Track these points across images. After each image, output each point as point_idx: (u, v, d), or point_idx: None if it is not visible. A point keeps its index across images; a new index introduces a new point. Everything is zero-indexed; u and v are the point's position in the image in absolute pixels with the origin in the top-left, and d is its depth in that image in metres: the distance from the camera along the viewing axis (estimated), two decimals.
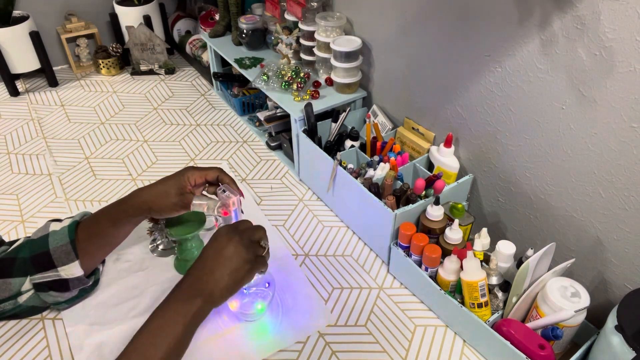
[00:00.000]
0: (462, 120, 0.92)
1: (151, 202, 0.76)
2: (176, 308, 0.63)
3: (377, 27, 1.04)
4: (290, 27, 1.24)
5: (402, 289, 0.89)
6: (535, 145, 0.80)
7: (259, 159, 1.21)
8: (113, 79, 1.56)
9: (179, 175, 0.78)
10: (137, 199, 0.77)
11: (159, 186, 0.77)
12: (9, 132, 1.29)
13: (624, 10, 0.61)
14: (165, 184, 0.77)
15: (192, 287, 0.65)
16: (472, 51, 0.84)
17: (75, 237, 0.74)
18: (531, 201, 0.85)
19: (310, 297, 0.86)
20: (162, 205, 0.76)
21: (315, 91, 1.10)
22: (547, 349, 0.67)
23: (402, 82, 1.03)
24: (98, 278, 0.84)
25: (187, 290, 0.65)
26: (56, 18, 1.56)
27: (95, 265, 0.80)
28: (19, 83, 1.51)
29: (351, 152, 1.03)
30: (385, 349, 0.78)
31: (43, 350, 0.77)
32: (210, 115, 1.38)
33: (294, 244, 0.98)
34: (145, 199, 0.77)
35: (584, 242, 0.78)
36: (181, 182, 0.77)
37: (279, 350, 0.78)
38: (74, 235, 0.74)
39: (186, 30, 1.72)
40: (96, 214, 0.78)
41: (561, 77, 0.71)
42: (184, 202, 0.77)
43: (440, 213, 0.83)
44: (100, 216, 0.78)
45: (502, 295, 0.77)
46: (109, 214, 0.77)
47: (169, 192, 0.76)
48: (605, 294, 0.78)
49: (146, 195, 0.77)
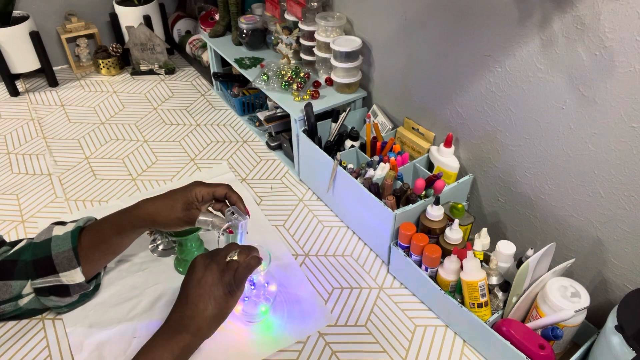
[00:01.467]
0: (462, 120, 0.92)
1: (156, 215, 0.75)
2: (164, 344, 0.62)
3: (377, 27, 1.04)
4: (290, 27, 1.24)
5: (402, 289, 0.89)
6: (535, 145, 0.80)
7: (259, 159, 1.21)
8: (113, 79, 1.56)
9: (186, 190, 0.77)
10: (142, 210, 0.76)
11: (166, 199, 0.76)
12: (9, 132, 1.29)
13: (624, 10, 0.61)
14: (171, 197, 0.76)
15: (179, 323, 0.64)
16: (472, 51, 0.84)
17: (78, 243, 0.74)
18: (531, 201, 0.85)
19: (310, 297, 0.86)
20: (166, 218, 0.75)
21: (315, 91, 1.10)
22: (547, 349, 0.67)
23: (402, 82, 1.03)
24: (99, 283, 0.84)
25: (174, 326, 0.64)
26: (56, 18, 1.56)
27: (96, 271, 0.80)
28: (19, 83, 1.51)
29: (351, 152, 1.03)
30: (385, 349, 0.78)
31: (43, 350, 0.77)
32: (210, 115, 1.38)
33: (294, 244, 0.98)
34: (150, 211, 0.76)
35: (584, 242, 0.78)
36: (188, 197, 0.76)
37: (279, 350, 0.78)
38: (77, 242, 0.74)
39: (186, 30, 1.72)
40: (100, 222, 0.78)
41: (561, 77, 0.71)
42: (189, 217, 0.76)
43: (440, 213, 0.83)
44: (104, 224, 0.77)
45: (502, 295, 0.77)
46: (113, 222, 0.77)
47: (175, 206, 0.75)
48: (605, 294, 0.78)
49: (151, 208, 0.76)
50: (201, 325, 0.64)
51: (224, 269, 0.67)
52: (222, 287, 0.66)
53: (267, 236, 0.98)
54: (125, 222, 0.76)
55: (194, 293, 0.65)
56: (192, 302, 0.65)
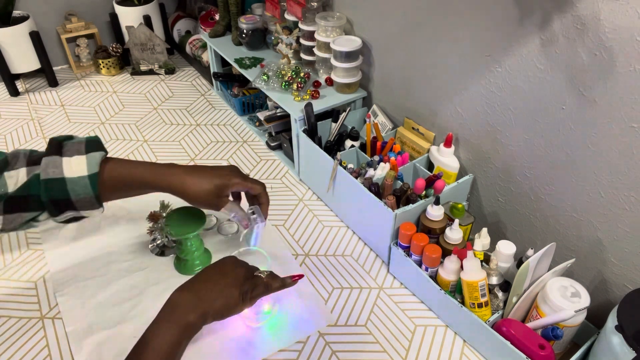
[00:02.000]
0: (462, 120, 0.92)
1: (187, 188, 0.74)
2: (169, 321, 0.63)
3: (377, 27, 1.05)
4: (290, 27, 1.24)
5: (402, 289, 0.89)
6: (535, 145, 0.80)
7: (259, 159, 1.21)
8: (113, 79, 1.56)
9: (224, 177, 0.77)
10: (176, 178, 0.74)
11: (202, 177, 0.76)
12: (9, 132, 1.29)
13: (624, 10, 0.61)
14: (208, 178, 0.76)
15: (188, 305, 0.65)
16: (472, 51, 0.84)
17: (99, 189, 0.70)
18: (531, 201, 0.85)
19: (310, 297, 0.86)
20: (195, 195, 0.75)
21: (315, 91, 1.10)
22: (547, 349, 0.67)
23: (402, 82, 1.03)
24: None
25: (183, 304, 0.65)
26: (56, 18, 1.56)
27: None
28: (19, 83, 1.51)
29: (351, 152, 1.03)
30: (385, 349, 0.78)
31: (43, 350, 0.77)
32: (210, 115, 1.38)
33: (294, 244, 0.98)
34: (184, 183, 0.74)
35: (584, 242, 0.78)
36: (224, 185, 0.76)
37: (279, 350, 0.78)
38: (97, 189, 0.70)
39: (186, 30, 1.72)
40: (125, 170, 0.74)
41: (561, 77, 0.71)
42: (217, 203, 0.77)
43: (440, 213, 0.83)
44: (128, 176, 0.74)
45: (502, 295, 0.77)
46: (139, 177, 0.74)
47: (209, 189, 0.75)
48: (605, 294, 0.78)
49: (187, 181, 0.75)
50: (208, 311, 0.66)
51: (249, 278, 0.71)
52: (239, 291, 0.68)
53: (267, 236, 0.98)
54: (154, 182, 0.74)
55: (214, 279, 0.68)
56: (208, 287, 0.67)
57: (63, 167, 0.68)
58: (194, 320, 0.64)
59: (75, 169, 0.69)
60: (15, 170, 0.68)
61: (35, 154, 0.70)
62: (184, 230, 0.84)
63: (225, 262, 0.72)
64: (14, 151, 0.70)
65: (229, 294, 0.68)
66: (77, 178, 0.69)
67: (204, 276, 0.69)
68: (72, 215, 0.72)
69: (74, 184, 0.69)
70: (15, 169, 0.68)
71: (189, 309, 0.64)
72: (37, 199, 0.68)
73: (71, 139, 0.72)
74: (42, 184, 0.68)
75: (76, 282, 0.87)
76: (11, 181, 0.67)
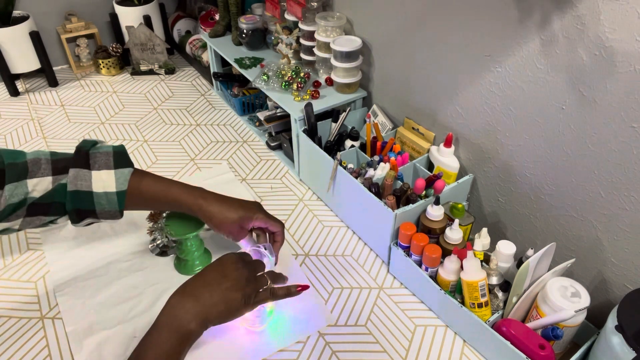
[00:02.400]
0: (462, 120, 0.92)
1: (214, 216, 0.77)
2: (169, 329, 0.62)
3: (377, 27, 1.04)
4: (290, 27, 1.24)
5: (402, 289, 0.89)
6: (535, 145, 0.80)
7: (259, 159, 1.21)
8: (113, 79, 1.56)
9: (248, 210, 0.80)
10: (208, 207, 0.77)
11: (230, 208, 0.78)
12: (9, 132, 1.29)
13: (624, 10, 0.61)
14: (235, 209, 0.78)
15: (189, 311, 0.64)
16: (472, 51, 0.84)
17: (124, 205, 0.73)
18: (531, 201, 0.85)
19: (310, 297, 0.86)
20: (219, 224, 0.78)
21: (315, 91, 1.10)
22: (547, 349, 0.67)
23: (402, 82, 1.03)
24: None
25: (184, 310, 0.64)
26: (56, 18, 1.56)
27: None
28: (19, 83, 1.51)
29: (351, 152, 1.03)
30: (385, 349, 0.78)
31: (43, 350, 0.77)
32: (210, 115, 1.38)
33: (294, 244, 0.98)
34: (215, 210, 0.77)
35: (584, 242, 0.78)
36: (247, 219, 0.79)
37: (279, 350, 0.78)
38: (124, 205, 0.73)
39: (186, 30, 1.72)
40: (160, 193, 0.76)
41: (561, 77, 0.71)
42: (237, 235, 0.80)
43: (440, 213, 0.83)
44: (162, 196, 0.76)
45: (502, 295, 0.77)
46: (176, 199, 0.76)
47: (235, 220, 0.78)
48: (605, 294, 0.78)
49: (217, 208, 0.77)
50: (209, 315, 0.65)
51: (251, 280, 0.69)
52: (241, 294, 0.67)
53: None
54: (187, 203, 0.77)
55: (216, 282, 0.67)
56: (209, 291, 0.65)
57: (92, 181, 0.70)
58: (195, 328, 0.63)
59: (104, 184, 0.71)
60: (38, 178, 0.68)
61: (58, 160, 0.70)
62: (184, 230, 0.84)
63: (226, 261, 0.70)
64: (34, 157, 0.69)
65: (231, 298, 0.66)
66: (105, 193, 0.71)
67: (205, 278, 0.67)
68: (91, 221, 0.74)
69: (101, 198, 0.71)
70: (38, 176, 0.68)
71: (189, 317, 0.63)
72: (60, 206, 0.70)
73: (96, 146, 0.73)
74: (69, 195, 0.69)
75: (76, 282, 0.87)
76: (36, 188, 0.68)
